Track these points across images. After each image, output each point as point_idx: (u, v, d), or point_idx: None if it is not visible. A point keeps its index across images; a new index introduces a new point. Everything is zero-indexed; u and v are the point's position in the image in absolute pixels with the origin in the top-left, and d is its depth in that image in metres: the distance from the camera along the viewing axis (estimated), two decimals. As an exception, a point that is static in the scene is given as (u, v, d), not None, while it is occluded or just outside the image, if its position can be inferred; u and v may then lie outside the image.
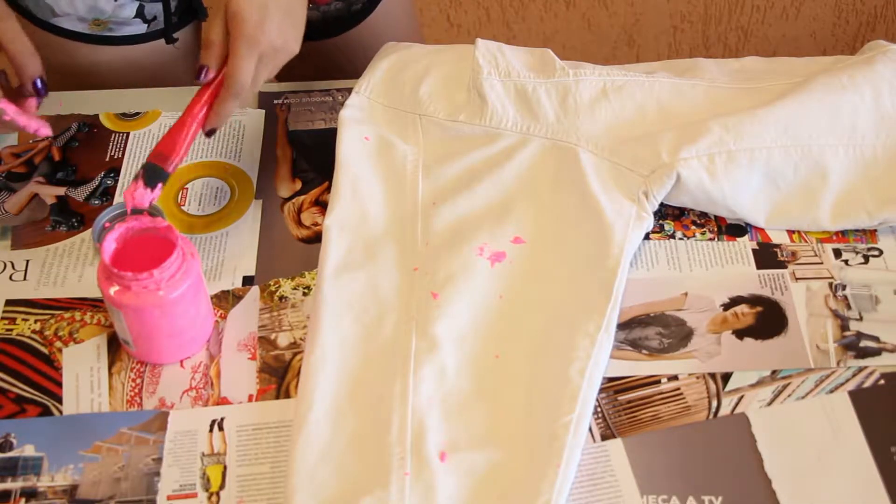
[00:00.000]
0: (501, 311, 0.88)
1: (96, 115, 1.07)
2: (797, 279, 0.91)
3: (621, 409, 0.83)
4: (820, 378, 0.84)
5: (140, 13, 1.08)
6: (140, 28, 1.10)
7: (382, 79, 1.03)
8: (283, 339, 0.88)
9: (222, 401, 0.84)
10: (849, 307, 0.89)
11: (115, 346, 0.87)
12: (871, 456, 0.79)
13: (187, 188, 1.00)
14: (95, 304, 0.90)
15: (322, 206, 0.98)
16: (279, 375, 0.86)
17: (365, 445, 0.79)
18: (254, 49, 0.85)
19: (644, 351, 0.87)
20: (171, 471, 0.80)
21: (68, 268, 0.94)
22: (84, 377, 0.86)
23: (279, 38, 0.87)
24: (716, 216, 0.96)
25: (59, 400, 0.84)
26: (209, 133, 0.89)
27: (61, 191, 1.00)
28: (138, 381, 0.85)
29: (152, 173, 0.85)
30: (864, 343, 0.87)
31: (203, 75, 0.87)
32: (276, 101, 1.08)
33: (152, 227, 0.84)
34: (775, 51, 2.05)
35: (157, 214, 0.94)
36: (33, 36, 1.11)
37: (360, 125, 1.00)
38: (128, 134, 1.05)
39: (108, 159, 1.03)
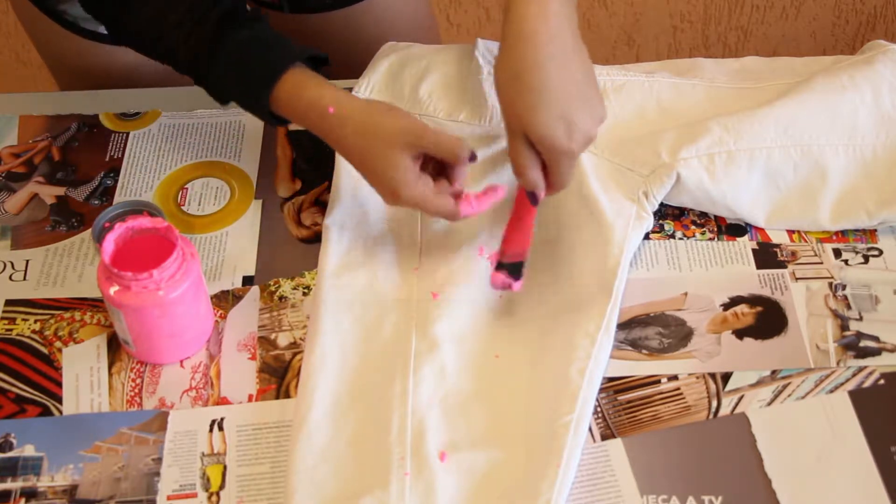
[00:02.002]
0: (501, 311, 0.88)
1: (96, 115, 1.07)
2: (797, 279, 0.91)
3: (621, 409, 0.83)
4: (820, 378, 0.84)
5: None
6: None
7: (382, 79, 1.03)
8: (283, 339, 0.88)
9: (222, 401, 0.84)
10: (849, 307, 0.89)
11: (115, 346, 0.87)
12: (871, 456, 0.79)
13: (187, 188, 1.00)
14: (95, 304, 0.90)
15: (322, 206, 0.98)
16: (279, 375, 0.86)
17: (365, 445, 0.79)
18: (574, 158, 0.83)
19: (644, 351, 0.87)
20: (171, 471, 0.80)
21: (68, 268, 0.94)
22: (84, 377, 0.86)
23: (592, 129, 0.82)
24: (716, 216, 0.96)
25: (59, 400, 0.84)
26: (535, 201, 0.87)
27: (61, 191, 1.00)
28: (138, 381, 0.85)
29: (515, 268, 0.86)
30: (863, 343, 0.87)
31: (536, 199, 0.85)
32: (276, 101, 1.08)
33: (152, 227, 0.84)
34: (775, 51, 2.05)
35: (157, 214, 0.94)
36: (49, 33, 1.11)
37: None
38: (128, 134, 1.05)
39: (108, 159, 1.03)
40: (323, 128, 0.85)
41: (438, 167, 0.86)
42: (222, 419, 0.83)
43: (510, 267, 0.86)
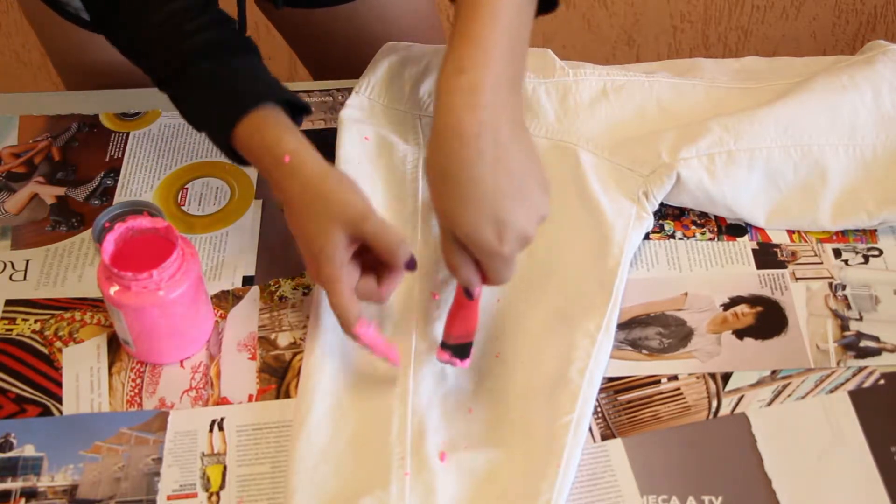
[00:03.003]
0: (501, 311, 0.88)
1: (96, 115, 1.07)
2: (797, 279, 0.91)
3: (621, 409, 0.83)
4: (820, 378, 0.84)
5: None
6: None
7: (382, 79, 1.03)
8: (283, 339, 0.88)
9: (222, 401, 0.84)
10: (849, 307, 0.89)
11: (115, 346, 0.87)
12: (871, 456, 0.79)
13: (187, 188, 1.00)
14: (95, 304, 0.90)
15: (322, 206, 0.97)
16: (279, 375, 0.86)
17: (365, 445, 0.79)
18: (507, 259, 0.76)
19: (644, 351, 0.87)
20: (171, 471, 0.80)
21: (68, 268, 0.94)
22: (84, 377, 0.86)
23: (527, 229, 0.75)
24: (716, 216, 0.96)
25: (59, 400, 0.84)
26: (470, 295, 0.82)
27: (61, 191, 1.00)
28: (138, 381, 0.85)
29: (461, 349, 0.81)
30: (864, 343, 0.87)
31: (472, 295, 0.79)
32: (276, 101, 1.08)
33: (152, 227, 0.84)
34: (775, 51, 2.05)
35: (157, 214, 0.94)
36: (52, 25, 1.10)
37: (360, 125, 1.00)
38: (128, 134, 1.05)
39: (108, 159, 1.03)
40: (273, 175, 0.81)
41: (376, 264, 0.81)
42: (222, 419, 0.83)
43: (455, 348, 0.81)
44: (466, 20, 0.74)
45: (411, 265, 0.79)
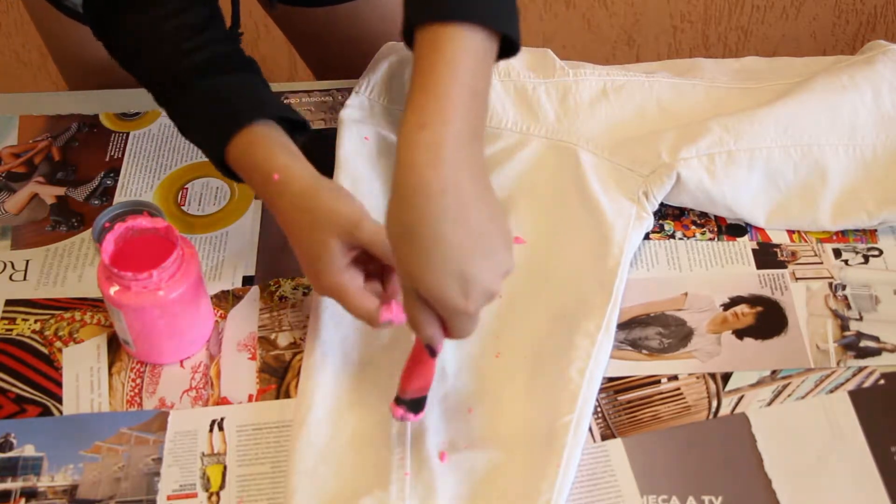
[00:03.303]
0: (501, 311, 0.88)
1: (96, 115, 1.07)
2: (797, 279, 0.91)
3: (621, 409, 0.83)
4: (820, 378, 0.84)
5: None
6: None
7: (382, 79, 1.03)
8: (283, 339, 0.88)
9: (222, 401, 0.84)
10: (849, 307, 0.89)
11: (115, 346, 0.87)
12: (871, 456, 0.79)
13: (187, 188, 1.00)
14: (95, 304, 0.90)
15: (322, 206, 0.97)
16: (279, 375, 0.86)
17: (365, 445, 0.79)
18: (472, 316, 0.73)
19: (644, 351, 0.87)
20: (171, 471, 0.80)
21: (68, 268, 0.94)
22: (84, 377, 0.86)
23: (492, 284, 0.72)
24: (716, 216, 0.96)
25: (59, 400, 0.84)
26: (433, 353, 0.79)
27: (61, 191, 1.00)
28: (138, 381, 0.85)
29: (416, 404, 0.79)
30: (864, 343, 0.87)
31: (434, 352, 0.76)
32: (276, 101, 1.08)
33: (152, 227, 0.84)
34: (775, 51, 2.05)
35: (157, 214, 0.94)
36: (52, 21, 1.10)
37: (360, 125, 1.00)
38: (128, 134, 1.05)
39: (108, 159, 1.03)
40: (264, 194, 0.82)
41: (380, 268, 0.81)
42: (222, 419, 0.83)
43: (410, 403, 0.78)
44: (425, 72, 0.72)
45: None
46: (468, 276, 0.70)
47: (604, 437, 0.81)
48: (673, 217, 0.96)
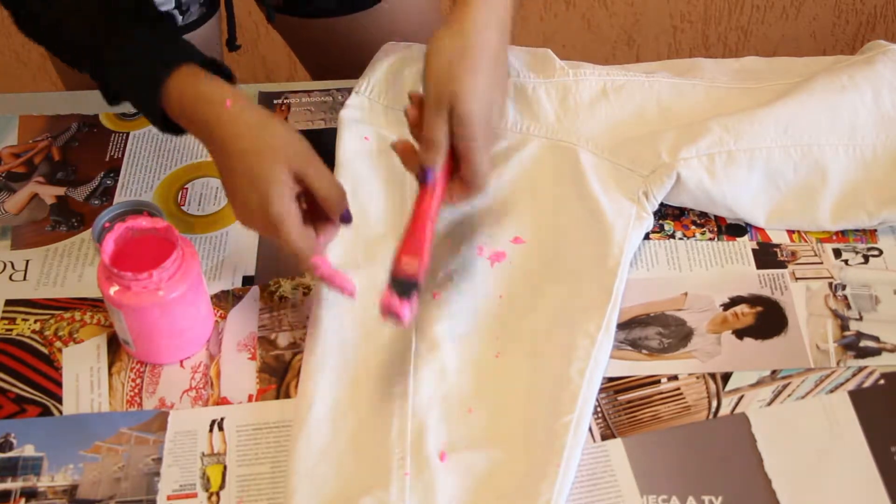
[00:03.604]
0: (501, 311, 0.88)
1: (96, 115, 1.07)
2: (797, 279, 0.91)
3: (621, 409, 0.83)
4: (820, 378, 0.84)
5: (178, 4, 1.06)
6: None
7: (382, 79, 1.03)
8: (283, 339, 0.88)
9: (222, 401, 0.84)
10: (849, 307, 0.89)
11: (115, 346, 0.87)
12: (871, 456, 0.79)
13: (187, 188, 1.00)
14: (95, 304, 0.90)
15: (322, 206, 0.97)
16: (279, 375, 0.86)
17: (365, 445, 0.79)
18: (490, 147, 0.84)
19: (644, 351, 0.87)
20: (171, 471, 0.80)
21: (68, 268, 0.94)
22: (84, 377, 0.86)
23: (502, 120, 0.87)
24: (716, 216, 0.96)
25: (59, 400, 0.84)
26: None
27: (61, 191, 1.00)
28: (138, 381, 0.85)
29: (404, 287, 0.79)
30: (864, 343, 0.87)
31: (430, 177, 0.82)
32: (276, 101, 1.08)
33: (152, 227, 0.84)
34: (775, 51, 2.05)
35: (157, 214, 0.94)
36: None
37: (360, 125, 1.00)
38: (128, 134, 1.05)
39: (108, 159, 1.03)
40: (214, 123, 0.81)
41: (312, 215, 0.83)
42: (222, 419, 0.83)
43: (397, 284, 0.78)
44: None
45: (347, 218, 0.83)
46: (501, 107, 0.86)
47: (604, 437, 0.81)
48: (673, 217, 0.96)
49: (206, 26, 1.11)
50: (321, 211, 0.83)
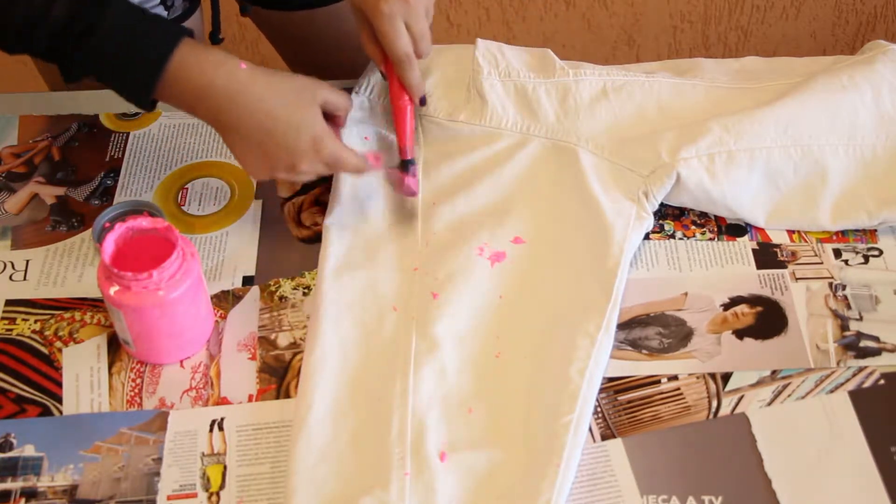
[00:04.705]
0: (501, 311, 0.88)
1: (96, 115, 1.07)
2: (797, 279, 0.91)
3: (621, 409, 0.83)
4: (820, 378, 0.84)
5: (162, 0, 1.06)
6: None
7: (382, 79, 1.03)
8: (283, 339, 0.88)
9: (222, 401, 0.84)
10: (849, 307, 0.89)
11: (115, 346, 0.87)
12: (871, 456, 0.79)
13: (187, 188, 1.00)
14: (95, 304, 0.90)
15: (322, 206, 0.98)
16: (279, 375, 0.86)
17: (365, 445, 0.79)
18: (396, 17, 0.88)
19: (644, 351, 0.87)
20: (171, 471, 0.80)
21: (68, 268, 0.94)
22: (84, 377, 0.86)
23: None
24: (716, 216, 0.96)
25: (59, 400, 0.84)
26: (423, 102, 0.96)
27: (61, 191, 1.00)
28: (138, 381, 0.85)
29: (405, 165, 0.94)
30: (864, 343, 0.87)
31: (384, 71, 0.94)
32: (276, 101, 1.08)
33: (152, 227, 0.84)
34: (775, 51, 2.05)
35: (157, 214, 0.94)
36: None
37: (360, 125, 1.00)
38: (128, 134, 1.05)
39: (108, 159, 1.03)
40: (233, 88, 0.82)
41: None
42: (222, 419, 0.83)
43: (404, 164, 0.94)
44: None
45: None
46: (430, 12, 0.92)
47: (604, 437, 0.81)
48: (673, 217, 0.96)
49: (189, 21, 1.11)
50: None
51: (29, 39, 0.83)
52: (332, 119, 0.90)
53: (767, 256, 0.93)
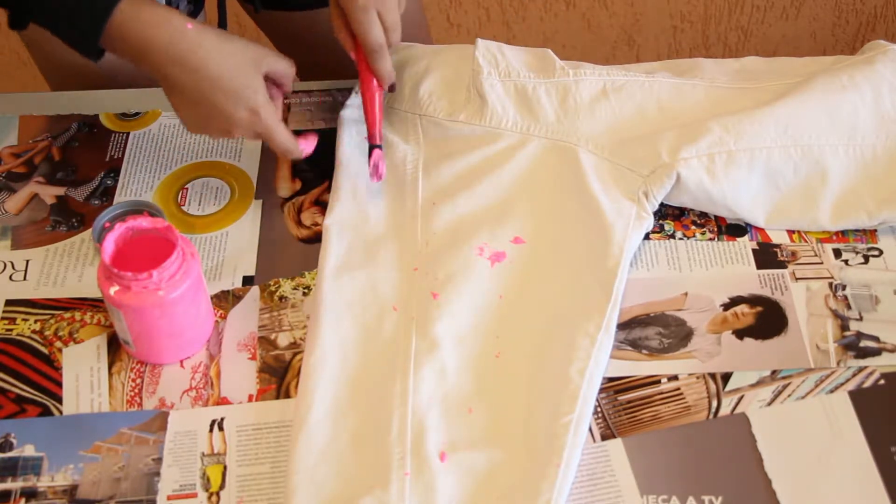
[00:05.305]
0: (501, 311, 0.88)
1: (96, 115, 1.07)
2: (797, 279, 0.91)
3: (621, 409, 0.83)
4: (820, 378, 0.84)
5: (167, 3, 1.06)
6: None
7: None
8: (283, 339, 0.88)
9: (222, 401, 0.84)
10: (849, 307, 0.89)
11: (115, 346, 0.87)
12: (871, 456, 0.79)
13: (187, 188, 1.00)
14: (95, 304, 0.90)
15: (322, 206, 0.98)
16: (279, 375, 0.86)
17: (365, 445, 0.79)
18: (370, 7, 0.89)
19: (644, 351, 0.87)
20: (171, 471, 0.80)
21: (68, 268, 0.94)
22: (84, 377, 0.86)
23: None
24: (716, 216, 0.96)
25: (59, 400, 0.84)
26: (392, 89, 0.97)
27: (61, 191, 1.00)
28: (138, 381, 0.85)
29: (372, 149, 0.96)
30: (864, 343, 0.87)
31: (354, 58, 0.94)
32: (276, 101, 1.08)
33: (152, 227, 0.84)
34: (775, 51, 2.05)
35: (157, 214, 0.94)
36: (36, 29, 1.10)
37: (361, 125, 1.00)
38: (128, 134, 1.05)
39: (108, 159, 1.03)
40: (177, 47, 0.83)
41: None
42: (222, 419, 0.83)
43: (371, 149, 0.96)
44: None
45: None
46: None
47: (604, 437, 0.81)
48: (673, 217, 0.96)
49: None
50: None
51: None
52: (279, 86, 0.92)
53: (767, 256, 0.93)
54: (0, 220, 0.98)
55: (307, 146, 0.93)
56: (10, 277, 0.93)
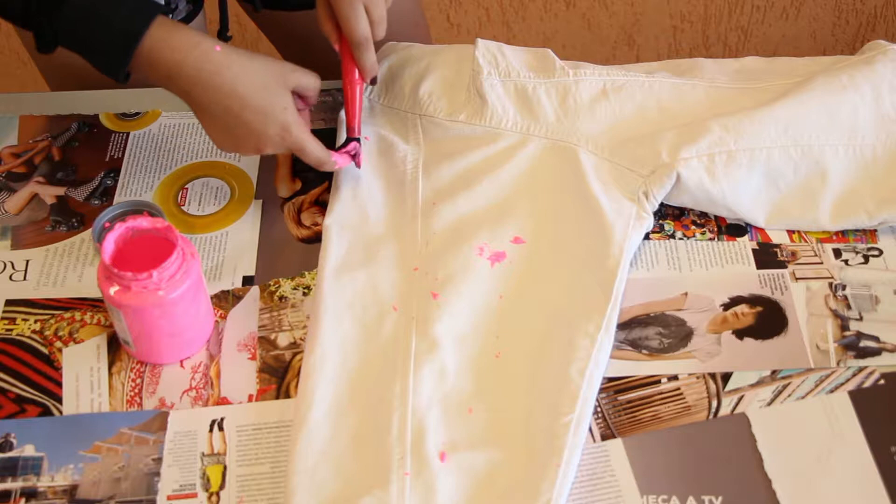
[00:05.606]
0: (501, 311, 0.88)
1: (96, 115, 1.07)
2: (797, 279, 0.91)
3: (621, 409, 0.83)
4: (820, 378, 0.84)
5: (166, 2, 1.06)
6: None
7: (382, 79, 1.03)
8: (283, 339, 0.88)
9: (222, 401, 0.84)
10: (849, 307, 0.89)
11: (115, 346, 0.87)
12: (871, 456, 0.79)
13: (187, 188, 1.00)
14: (95, 304, 0.90)
15: (322, 206, 0.98)
16: (279, 375, 0.86)
17: (365, 445, 0.79)
18: (357, 1, 0.89)
19: (644, 351, 0.87)
20: (171, 471, 0.80)
21: (68, 268, 0.94)
22: (84, 377, 0.86)
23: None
24: (716, 216, 0.96)
25: (59, 400, 0.84)
26: (374, 81, 0.97)
27: (61, 191, 1.00)
28: (138, 381, 0.85)
29: (348, 141, 0.96)
30: (864, 343, 0.87)
31: (338, 49, 0.94)
32: (276, 101, 1.08)
33: (152, 227, 0.84)
34: (775, 51, 2.05)
35: (157, 214, 0.94)
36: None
37: (360, 125, 1.00)
38: (128, 134, 1.05)
39: (108, 159, 1.03)
40: (205, 70, 0.84)
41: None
42: (222, 419, 0.83)
43: (348, 141, 0.96)
44: None
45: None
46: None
47: (604, 437, 0.81)
48: (673, 217, 0.96)
49: (193, 23, 1.11)
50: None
51: (3, 4, 0.85)
52: (303, 99, 0.93)
53: (767, 256, 0.93)
54: (0, 220, 0.98)
55: (342, 160, 0.94)
56: (10, 277, 0.93)
